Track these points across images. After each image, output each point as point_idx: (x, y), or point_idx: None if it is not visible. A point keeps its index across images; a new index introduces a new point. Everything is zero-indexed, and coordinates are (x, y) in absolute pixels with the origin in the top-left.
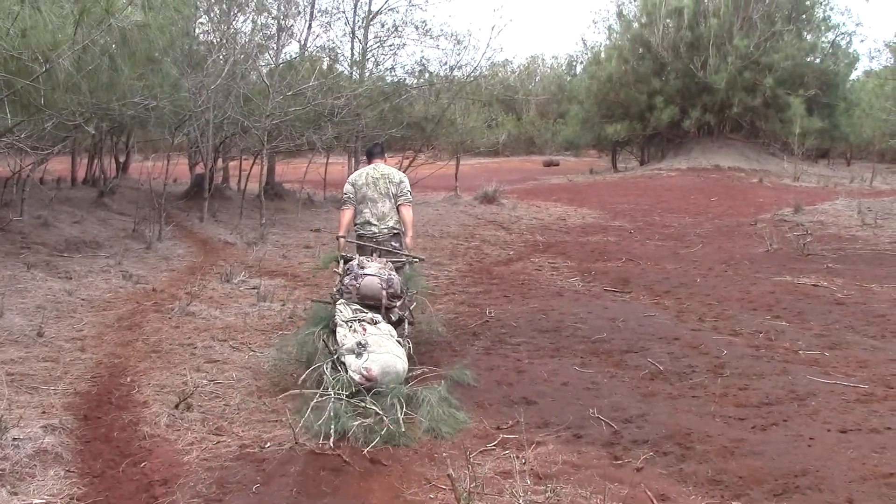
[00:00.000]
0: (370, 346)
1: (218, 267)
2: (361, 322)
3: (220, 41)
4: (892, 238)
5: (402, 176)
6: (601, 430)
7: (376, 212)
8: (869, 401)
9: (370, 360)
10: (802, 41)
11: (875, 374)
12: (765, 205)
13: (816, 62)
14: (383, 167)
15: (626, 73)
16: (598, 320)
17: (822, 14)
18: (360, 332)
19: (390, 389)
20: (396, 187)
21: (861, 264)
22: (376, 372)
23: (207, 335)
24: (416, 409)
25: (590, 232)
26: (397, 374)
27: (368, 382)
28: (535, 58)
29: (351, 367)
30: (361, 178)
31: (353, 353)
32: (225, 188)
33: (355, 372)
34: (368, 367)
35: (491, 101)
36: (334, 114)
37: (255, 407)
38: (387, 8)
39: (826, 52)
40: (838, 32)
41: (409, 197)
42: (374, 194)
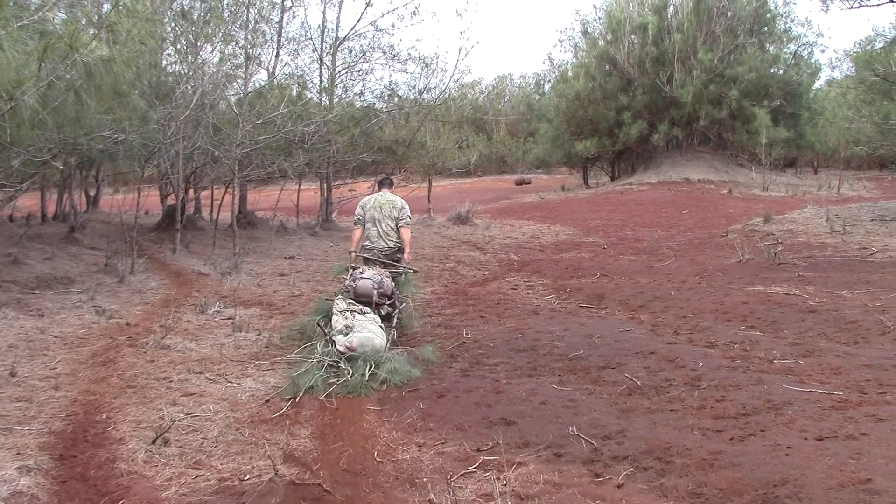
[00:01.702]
0: (355, 328)
1: (192, 298)
2: (352, 312)
3: (188, 72)
4: (860, 244)
5: (404, 203)
6: (581, 447)
7: (380, 230)
8: (844, 407)
9: (353, 335)
10: (765, 53)
11: (849, 380)
12: (735, 215)
13: (780, 73)
14: (388, 195)
15: (593, 90)
16: (574, 337)
17: (784, 26)
18: (349, 319)
19: (363, 355)
20: (398, 212)
21: (831, 271)
22: (356, 344)
23: (183, 368)
24: (380, 369)
25: (563, 249)
26: (374, 347)
27: (350, 352)
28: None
29: (338, 342)
30: (370, 202)
31: (341, 333)
32: (197, 218)
33: (341, 345)
34: (350, 341)
35: (461, 123)
36: (305, 141)
37: (233, 439)
38: (354, 34)
39: (789, 63)
40: (800, 43)
41: (408, 220)
42: (379, 216)
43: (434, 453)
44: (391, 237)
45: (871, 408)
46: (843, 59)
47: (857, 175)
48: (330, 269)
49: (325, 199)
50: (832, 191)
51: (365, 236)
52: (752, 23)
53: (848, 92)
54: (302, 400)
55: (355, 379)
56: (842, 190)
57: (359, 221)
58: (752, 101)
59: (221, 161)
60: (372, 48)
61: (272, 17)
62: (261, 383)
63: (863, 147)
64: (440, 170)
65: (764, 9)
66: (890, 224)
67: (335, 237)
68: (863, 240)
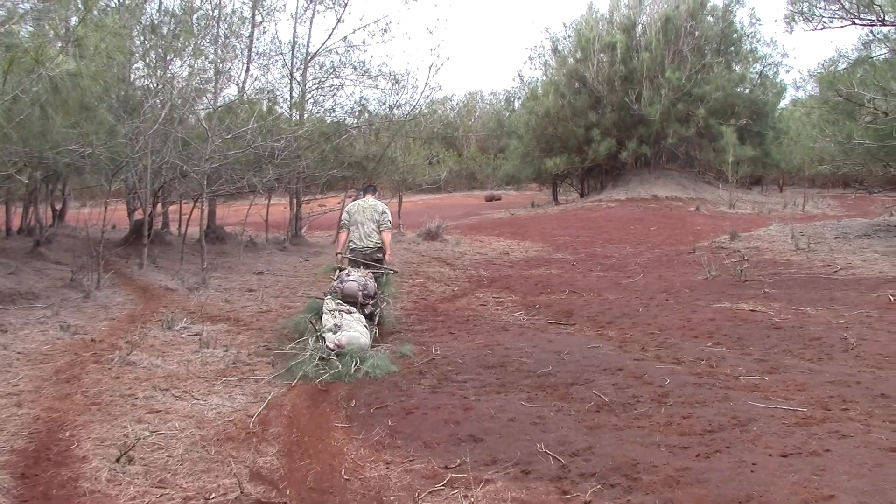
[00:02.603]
0: (343, 327)
1: (159, 314)
2: (340, 311)
3: (157, 86)
4: (824, 262)
5: (385, 208)
6: (549, 464)
7: (363, 233)
8: (808, 424)
9: (341, 334)
10: (732, 72)
11: (813, 396)
12: (702, 232)
13: (746, 92)
14: (371, 200)
15: (563, 107)
16: (543, 354)
17: (749, 46)
18: (338, 318)
19: (350, 352)
20: (380, 216)
21: (796, 288)
22: (344, 342)
23: (149, 385)
24: (364, 363)
25: (533, 265)
26: (360, 345)
27: (338, 348)
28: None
29: (328, 339)
30: (355, 207)
31: (331, 331)
32: (165, 233)
33: (331, 342)
34: (339, 339)
35: (431, 138)
36: (274, 156)
37: (199, 457)
38: (325, 49)
39: (755, 82)
40: (765, 63)
41: (388, 225)
42: (362, 220)
43: (402, 471)
44: (373, 238)
45: (834, 424)
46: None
47: (822, 193)
48: (300, 285)
49: (295, 214)
50: (797, 209)
51: (350, 238)
52: (718, 42)
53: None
54: (269, 416)
55: (344, 370)
56: (807, 208)
57: (344, 225)
58: (718, 119)
59: (190, 176)
60: (343, 64)
61: (242, 32)
62: (228, 400)
63: (827, 166)
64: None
65: (730, 29)
66: (853, 242)
67: (305, 252)
68: (827, 257)
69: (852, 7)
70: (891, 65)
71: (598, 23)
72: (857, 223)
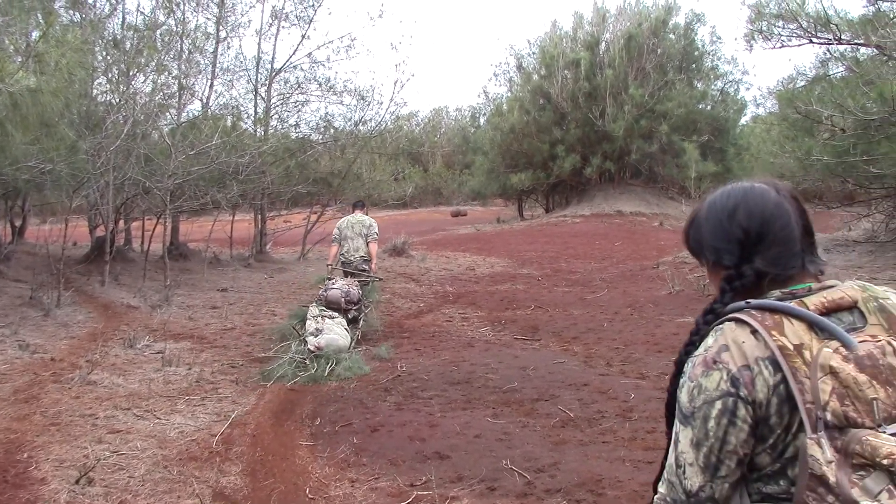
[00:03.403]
0: (324, 331)
1: (121, 332)
2: (322, 317)
3: (119, 102)
4: None
5: (372, 221)
6: (515, 481)
7: (352, 246)
8: None
9: (321, 337)
10: (694, 89)
11: None
12: (666, 247)
13: (707, 109)
14: (360, 216)
15: (527, 123)
16: (508, 370)
17: (711, 63)
18: (320, 323)
19: (327, 354)
20: (367, 229)
21: None
22: (324, 344)
23: (110, 404)
24: (339, 366)
25: (498, 281)
26: (338, 347)
27: (319, 350)
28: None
29: (309, 342)
30: (345, 223)
31: (312, 335)
32: (127, 250)
33: (312, 345)
34: (319, 342)
35: (397, 154)
36: (239, 171)
37: (160, 477)
38: (290, 65)
39: (716, 99)
40: (726, 81)
41: (375, 236)
42: (351, 234)
43: (367, 489)
44: (360, 250)
45: None
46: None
47: None
48: (264, 302)
49: (260, 230)
50: None
51: (341, 252)
52: (680, 60)
53: (772, 128)
54: (233, 435)
55: (318, 373)
56: None
57: (335, 240)
58: (681, 135)
59: (153, 192)
60: (308, 80)
61: (206, 48)
62: (191, 419)
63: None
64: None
65: (692, 47)
66: None
67: (269, 269)
68: None
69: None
70: (847, 83)
71: (562, 40)
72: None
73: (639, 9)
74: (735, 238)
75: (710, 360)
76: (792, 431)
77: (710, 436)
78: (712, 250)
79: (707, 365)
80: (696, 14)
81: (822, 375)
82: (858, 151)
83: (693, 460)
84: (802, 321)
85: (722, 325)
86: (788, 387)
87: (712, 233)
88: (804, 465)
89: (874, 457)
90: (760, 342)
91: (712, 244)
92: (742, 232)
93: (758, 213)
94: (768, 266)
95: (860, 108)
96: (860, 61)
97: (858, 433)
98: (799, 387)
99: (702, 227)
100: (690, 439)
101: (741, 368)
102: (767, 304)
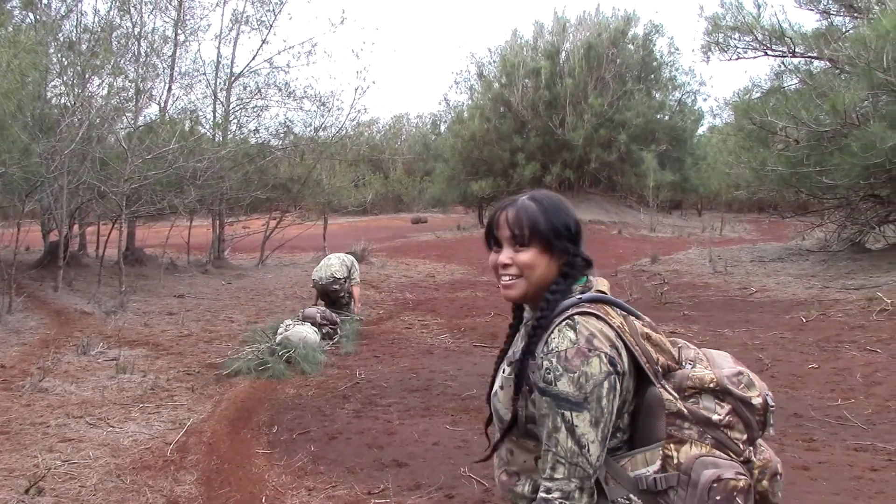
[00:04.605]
0: (293, 329)
1: (74, 339)
2: (294, 322)
3: (74, 104)
4: (740, 284)
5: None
6: (473, 488)
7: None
8: None
9: (290, 332)
10: (652, 100)
11: None
12: (624, 255)
13: (666, 119)
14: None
15: (488, 131)
16: (467, 377)
17: (669, 74)
18: (290, 326)
19: (296, 345)
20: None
21: (714, 310)
22: (294, 339)
23: (62, 412)
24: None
25: (458, 288)
26: (306, 340)
27: (286, 341)
28: (400, 117)
29: (277, 338)
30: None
31: (280, 334)
32: (82, 255)
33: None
34: (288, 335)
35: (357, 161)
36: (196, 176)
37: (113, 486)
38: (249, 70)
39: (674, 109)
40: (684, 91)
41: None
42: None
43: (324, 497)
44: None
45: None
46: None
47: (738, 217)
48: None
49: (218, 236)
50: (715, 232)
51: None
52: (639, 70)
53: (728, 139)
54: (188, 443)
55: (277, 368)
56: (724, 232)
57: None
58: (639, 145)
59: (108, 196)
60: (267, 85)
61: (164, 51)
62: (145, 427)
63: (742, 191)
64: (336, 208)
65: (650, 57)
66: (767, 265)
67: (227, 275)
68: (743, 280)
69: (765, 39)
70: (801, 95)
71: (522, 48)
72: (771, 247)
73: (598, 19)
74: (572, 230)
75: (585, 350)
76: (632, 390)
77: (605, 412)
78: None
79: (583, 355)
80: (655, 25)
81: (644, 341)
82: (812, 162)
83: (594, 438)
84: (613, 305)
85: (573, 319)
86: (633, 355)
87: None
88: (660, 408)
89: (702, 385)
90: (608, 326)
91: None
92: (574, 224)
93: (572, 214)
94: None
95: (813, 119)
96: (813, 74)
97: (683, 373)
98: (637, 353)
99: (539, 218)
100: (589, 421)
101: (611, 349)
102: (595, 297)
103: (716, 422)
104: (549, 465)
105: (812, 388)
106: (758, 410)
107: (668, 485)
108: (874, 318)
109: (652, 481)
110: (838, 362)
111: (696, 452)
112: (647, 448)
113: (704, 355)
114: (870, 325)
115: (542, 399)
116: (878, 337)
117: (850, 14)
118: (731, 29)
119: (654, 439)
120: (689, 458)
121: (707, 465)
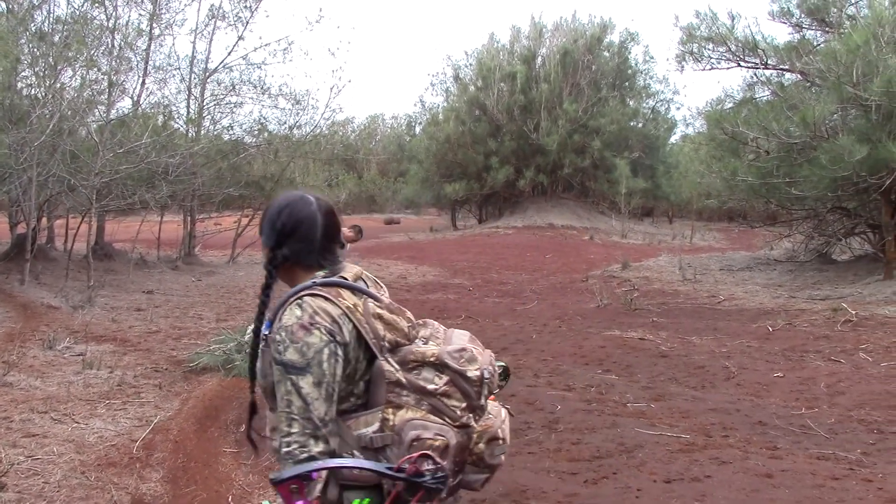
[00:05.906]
0: None
1: (40, 333)
2: None
3: (45, 96)
4: (709, 293)
5: None
6: None
7: None
8: (690, 450)
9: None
10: (626, 107)
11: (696, 423)
12: (595, 261)
13: (639, 127)
14: None
15: (463, 134)
16: None
17: (643, 82)
18: None
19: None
20: None
21: (682, 318)
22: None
23: (26, 407)
24: None
25: (430, 290)
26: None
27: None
28: (376, 117)
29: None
30: None
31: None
32: (50, 248)
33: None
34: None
35: (331, 160)
36: (168, 172)
37: (77, 483)
38: (224, 66)
39: (647, 117)
40: (658, 99)
41: None
42: None
43: None
44: None
45: (715, 451)
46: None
47: (708, 226)
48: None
49: (189, 232)
50: (685, 240)
51: None
52: (614, 77)
53: (700, 148)
54: (154, 441)
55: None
56: (694, 240)
57: None
58: (613, 151)
59: (78, 190)
60: (242, 82)
61: (138, 45)
62: (111, 423)
63: (713, 200)
64: None
65: (625, 65)
66: (736, 274)
67: (198, 272)
68: (712, 288)
69: (738, 50)
70: (772, 106)
71: (499, 53)
72: (740, 256)
73: (575, 25)
74: (276, 229)
75: (308, 324)
76: (364, 361)
77: (326, 374)
78: (264, 235)
79: (306, 328)
80: (631, 33)
81: (375, 320)
82: (781, 173)
83: (318, 396)
84: (350, 290)
85: (301, 299)
86: (359, 331)
87: (267, 223)
88: (381, 377)
89: (424, 359)
90: (334, 306)
91: (265, 231)
92: (281, 226)
93: (294, 216)
94: (291, 255)
95: (784, 131)
96: (785, 86)
97: (408, 348)
98: (364, 330)
99: (264, 217)
100: (313, 382)
101: (331, 324)
102: (329, 282)
103: (432, 391)
104: (285, 423)
105: (777, 397)
106: (475, 382)
107: (384, 443)
108: (839, 328)
109: (369, 439)
110: (803, 371)
111: (410, 416)
112: (368, 412)
113: (445, 334)
114: (834, 335)
115: (275, 367)
116: (842, 347)
117: (822, 28)
118: (705, 39)
119: (377, 404)
120: (402, 421)
121: (415, 427)
